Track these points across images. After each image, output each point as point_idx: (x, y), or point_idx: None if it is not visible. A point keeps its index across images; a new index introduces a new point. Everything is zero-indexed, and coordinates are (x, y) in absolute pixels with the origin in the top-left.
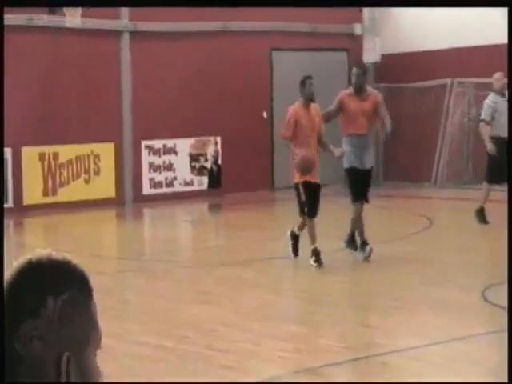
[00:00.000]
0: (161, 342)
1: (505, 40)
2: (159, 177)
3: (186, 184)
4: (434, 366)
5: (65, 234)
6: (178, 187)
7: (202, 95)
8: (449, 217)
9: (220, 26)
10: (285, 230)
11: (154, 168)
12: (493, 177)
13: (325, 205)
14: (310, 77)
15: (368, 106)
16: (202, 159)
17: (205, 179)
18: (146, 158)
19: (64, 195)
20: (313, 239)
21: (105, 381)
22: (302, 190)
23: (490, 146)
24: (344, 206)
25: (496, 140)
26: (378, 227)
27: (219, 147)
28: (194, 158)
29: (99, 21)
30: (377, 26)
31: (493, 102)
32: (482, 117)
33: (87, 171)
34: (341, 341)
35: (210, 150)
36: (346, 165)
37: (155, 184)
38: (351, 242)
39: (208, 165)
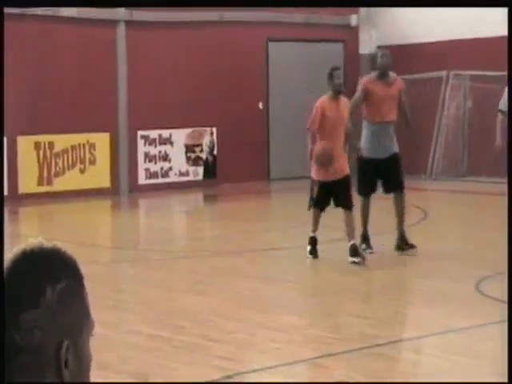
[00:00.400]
0: (156, 331)
1: (501, 33)
2: (155, 167)
3: (182, 174)
4: (430, 357)
5: (60, 223)
6: (173, 177)
7: (198, 85)
8: (444, 208)
9: (216, 16)
10: (280, 221)
11: (150, 158)
12: None
13: None
14: (337, 68)
15: (394, 91)
16: (197, 150)
17: (200, 170)
18: (142, 148)
19: (59, 185)
20: (351, 235)
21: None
22: (316, 186)
23: (498, 140)
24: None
25: None
26: (374, 219)
27: (215, 138)
28: (189, 148)
29: (95, 10)
30: (373, 17)
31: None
32: (499, 107)
33: (82, 161)
34: (336, 332)
35: (206, 141)
36: (360, 153)
37: (151, 174)
38: (366, 240)
39: (203, 155)
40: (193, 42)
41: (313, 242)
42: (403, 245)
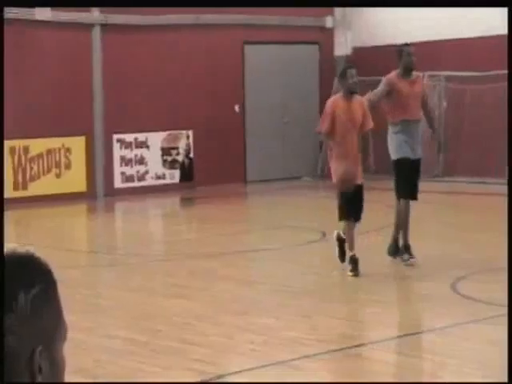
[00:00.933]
0: (133, 335)
1: (475, 34)
2: (131, 170)
3: (158, 178)
4: (408, 357)
5: (36, 228)
6: (149, 181)
7: (175, 88)
8: (420, 209)
9: (192, 19)
10: (258, 223)
11: (126, 162)
12: None
13: (299, 197)
14: (351, 66)
15: (418, 89)
16: (173, 153)
17: (177, 173)
18: (118, 151)
19: (35, 189)
20: (351, 245)
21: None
22: (339, 194)
23: None
24: (315, 198)
25: None
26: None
27: (191, 140)
28: (165, 151)
29: (70, 13)
30: (348, 19)
31: None
32: None
33: (58, 165)
34: (313, 333)
35: (182, 144)
36: (395, 155)
37: (127, 178)
38: (397, 251)
39: (180, 158)
40: (169, 45)
41: (340, 241)
42: (395, 251)
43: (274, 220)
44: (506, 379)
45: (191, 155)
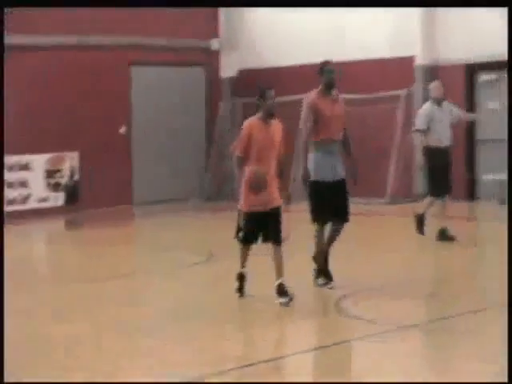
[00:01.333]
0: (13, 360)
1: (359, 56)
2: (13, 193)
3: (42, 200)
4: (294, 376)
5: None
6: (32, 204)
7: (60, 110)
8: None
9: (77, 39)
10: (145, 245)
11: (8, 185)
12: (435, 190)
13: (185, 219)
14: (269, 87)
15: (339, 108)
16: (57, 175)
17: (61, 195)
18: None
19: None
20: (278, 272)
21: None
22: (244, 217)
23: (420, 160)
24: (201, 220)
25: (432, 150)
26: None
27: (76, 162)
28: (49, 173)
29: None
30: (234, 41)
31: (427, 110)
32: (417, 126)
33: None
34: (199, 355)
35: (67, 166)
36: (312, 177)
37: (8, 201)
38: (326, 274)
39: (64, 180)
40: (53, 66)
41: (241, 278)
42: (327, 276)
43: (161, 242)
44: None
45: (76, 177)
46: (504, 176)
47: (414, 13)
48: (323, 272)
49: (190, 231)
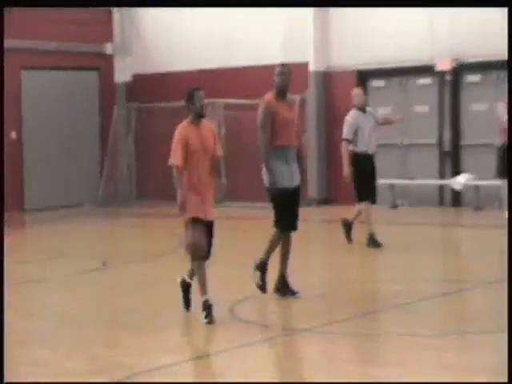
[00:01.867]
0: None
1: (250, 63)
2: None
3: None
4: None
5: None
6: None
7: None
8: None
9: None
10: (36, 252)
11: None
12: (363, 195)
13: (79, 225)
14: (198, 88)
15: (293, 113)
16: None
17: None
18: None
19: None
20: (203, 288)
21: None
22: (190, 227)
23: (348, 172)
24: (96, 225)
25: (361, 156)
26: (135, 246)
27: None
28: None
29: None
30: (128, 45)
31: (354, 118)
32: (344, 136)
33: None
34: (93, 363)
35: None
36: (274, 185)
37: None
38: (285, 286)
39: None
40: None
41: (186, 288)
42: (285, 288)
43: (54, 249)
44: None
45: None
46: (394, 181)
47: (308, 19)
48: (286, 287)
49: (84, 237)
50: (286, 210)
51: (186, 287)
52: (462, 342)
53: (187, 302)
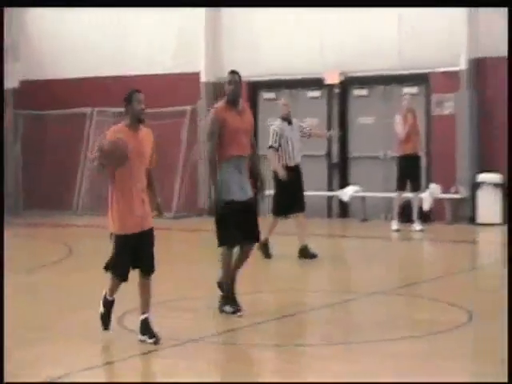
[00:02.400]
0: None
1: (143, 72)
2: None
3: None
4: None
5: None
6: None
7: None
8: (89, 244)
9: None
10: None
11: None
12: (280, 209)
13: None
14: (137, 90)
15: (248, 121)
16: None
17: None
18: None
19: None
20: (145, 305)
21: None
22: (116, 242)
23: (283, 173)
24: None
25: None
26: (21, 256)
27: None
28: None
29: None
30: (17, 50)
31: (279, 128)
32: (270, 143)
33: None
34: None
35: None
36: (221, 197)
37: None
38: (234, 301)
39: None
40: None
41: (107, 305)
42: (233, 303)
43: None
44: None
45: None
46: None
47: (200, 29)
48: (230, 299)
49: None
50: (233, 224)
51: (107, 304)
52: (346, 351)
53: (106, 322)
